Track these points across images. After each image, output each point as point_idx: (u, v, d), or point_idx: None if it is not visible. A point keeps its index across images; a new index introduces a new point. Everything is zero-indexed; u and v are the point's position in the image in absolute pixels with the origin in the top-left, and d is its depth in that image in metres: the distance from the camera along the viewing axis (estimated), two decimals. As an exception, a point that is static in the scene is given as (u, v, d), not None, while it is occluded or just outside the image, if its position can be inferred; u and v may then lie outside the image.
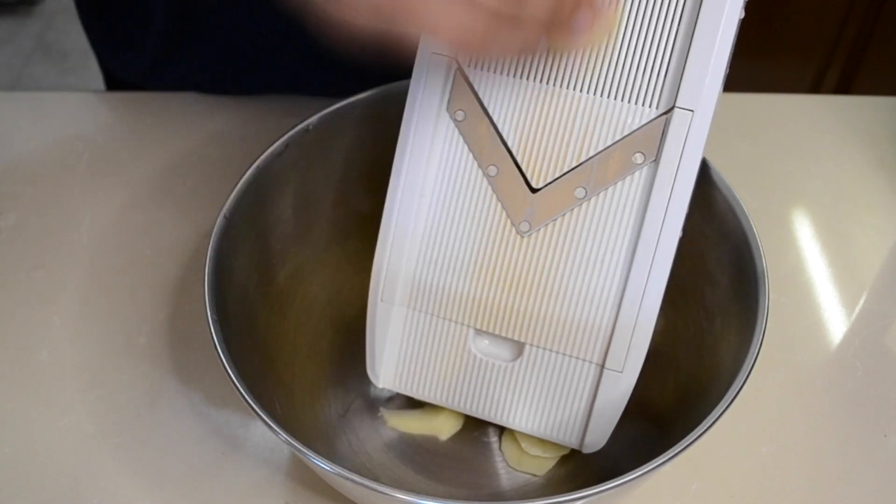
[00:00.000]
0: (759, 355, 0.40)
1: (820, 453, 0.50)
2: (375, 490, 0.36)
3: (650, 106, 0.39)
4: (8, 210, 0.61)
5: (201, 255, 0.43)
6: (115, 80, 0.74)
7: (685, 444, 0.37)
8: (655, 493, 0.48)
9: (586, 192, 0.41)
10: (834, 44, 1.17)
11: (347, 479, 0.36)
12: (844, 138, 0.68)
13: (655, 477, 0.38)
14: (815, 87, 1.23)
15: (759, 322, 0.41)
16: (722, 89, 0.39)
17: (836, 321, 0.56)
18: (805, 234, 0.62)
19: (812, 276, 0.59)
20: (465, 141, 0.42)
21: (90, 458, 0.49)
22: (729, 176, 0.46)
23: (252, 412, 0.38)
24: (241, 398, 0.38)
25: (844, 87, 1.21)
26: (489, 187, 0.42)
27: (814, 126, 0.69)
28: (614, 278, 0.41)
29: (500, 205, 0.42)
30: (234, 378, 0.39)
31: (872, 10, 1.13)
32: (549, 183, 0.41)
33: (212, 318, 0.41)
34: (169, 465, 0.48)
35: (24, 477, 0.48)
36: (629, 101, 0.39)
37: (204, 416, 0.50)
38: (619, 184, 0.40)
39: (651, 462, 0.36)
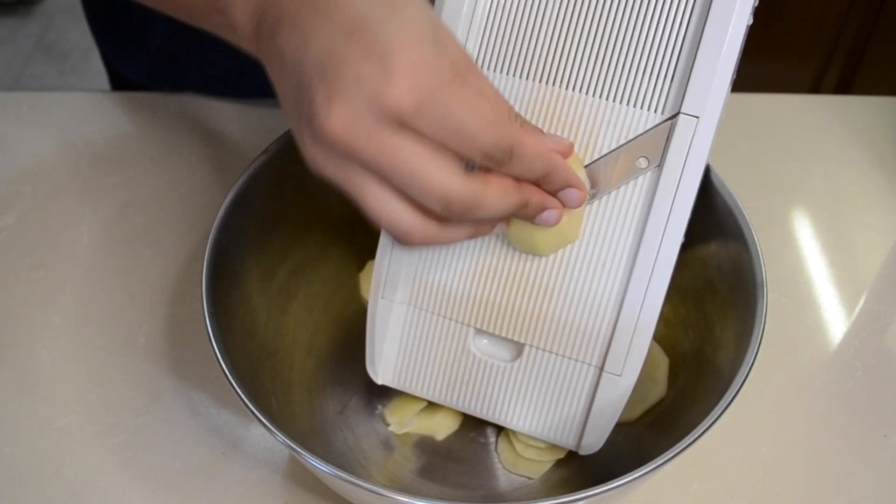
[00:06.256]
0: (761, 356, 0.40)
1: (820, 453, 0.50)
2: (369, 490, 0.36)
3: (655, 111, 0.39)
4: (8, 210, 0.61)
5: (201, 255, 0.43)
6: (120, 79, 0.74)
7: (676, 451, 0.37)
8: (656, 493, 0.48)
9: (589, 195, 0.40)
10: (834, 44, 1.17)
11: (341, 478, 0.36)
12: (844, 138, 0.68)
13: (656, 477, 0.38)
14: (815, 87, 1.23)
15: (755, 332, 0.41)
16: (728, 96, 0.38)
17: (836, 321, 0.56)
18: (805, 234, 0.62)
19: (812, 276, 0.59)
20: None
21: (90, 458, 0.49)
22: (729, 176, 0.46)
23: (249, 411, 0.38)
24: (231, 388, 0.38)
25: (844, 87, 1.21)
26: None
27: (814, 126, 0.69)
28: (615, 282, 0.41)
29: (502, 204, 0.42)
30: (225, 369, 0.39)
31: (872, 10, 1.13)
32: None
33: (207, 311, 0.41)
34: (168, 465, 0.48)
35: (24, 477, 0.48)
36: (635, 106, 0.39)
37: (204, 416, 0.50)
38: (623, 187, 0.40)
39: (646, 465, 0.36)
